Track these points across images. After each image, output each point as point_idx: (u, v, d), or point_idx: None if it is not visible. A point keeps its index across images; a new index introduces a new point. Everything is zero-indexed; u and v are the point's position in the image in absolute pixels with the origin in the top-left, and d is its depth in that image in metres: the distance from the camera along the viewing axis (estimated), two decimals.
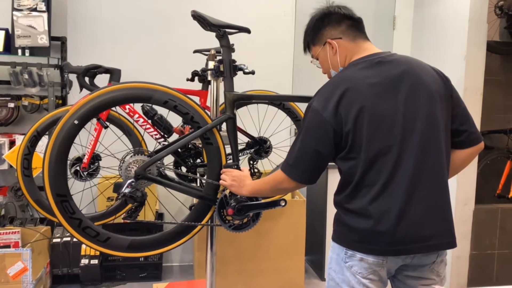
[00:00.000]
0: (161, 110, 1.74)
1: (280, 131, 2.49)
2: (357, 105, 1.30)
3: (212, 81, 1.80)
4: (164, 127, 1.90)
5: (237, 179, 1.56)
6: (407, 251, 1.34)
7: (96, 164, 2.14)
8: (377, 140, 1.31)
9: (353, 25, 1.46)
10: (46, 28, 2.88)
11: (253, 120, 2.36)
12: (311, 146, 1.35)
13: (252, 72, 1.80)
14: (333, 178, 3.15)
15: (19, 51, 2.89)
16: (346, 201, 1.38)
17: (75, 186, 1.97)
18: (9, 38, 2.92)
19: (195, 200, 1.75)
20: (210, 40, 1.90)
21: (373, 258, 1.34)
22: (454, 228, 1.38)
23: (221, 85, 1.75)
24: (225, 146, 1.66)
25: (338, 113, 1.31)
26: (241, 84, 1.88)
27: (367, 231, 1.33)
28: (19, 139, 2.91)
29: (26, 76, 2.92)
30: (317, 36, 1.49)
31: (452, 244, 1.37)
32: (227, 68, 1.67)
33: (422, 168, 1.32)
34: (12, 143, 2.95)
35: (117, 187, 1.54)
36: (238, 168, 1.64)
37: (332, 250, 1.45)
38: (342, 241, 1.40)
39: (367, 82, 1.33)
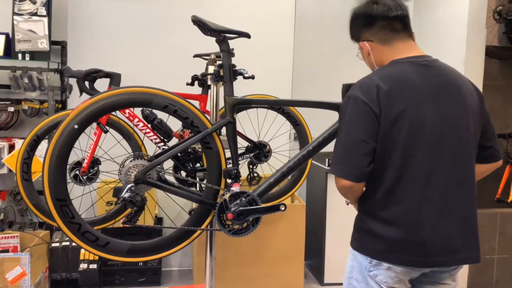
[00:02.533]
0: (161, 115, 1.75)
1: (279, 136, 2.49)
2: (400, 106, 1.27)
3: (212, 86, 1.81)
4: (164, 132, 1.90)
5: None
6: (437, 263, 1.32)
7: (96, 168, 2.14)
8: (414, 146, 1.28)
9: (387, 25, 1.39)
10: (47, 32, 2.89)
11: (253, 124, 2.37)
12: (358, 137, 1.28)
13: (252, 77, 1.80)
14: (333, 182, 3.13)
15: (19, 55, 2.89)
16: (378, 208, 1.33)
17: (75, 191, 1.97)
18: (10, 42, 2.92)
19: (194, 205, 1.75)
20: (210, 45, 1.91)
21: (402, 267, 1.31)
22: (479, 242, 1.37)
23: (221, 89, 1.75)
24: (225, 151, 1.66)
25: (380, 107, 1.27)
26: (240, 88, 1.89)
27: (398, 240, 1.29)
28: (19, 143, 2.91)
29: (26, 80, 2.92)
30: (353, 35, 1.48)
31: (477, 259, 1.36)
32: (227, 72, 1.67)
33: (456, 181, 1.31)
34: (11, 147, 2.94)
35: (116, 191, 1.54)
36: (238, 172, 1.65)
37: (353, 259, 1.39)
38: (366, 250, 1.35)
39: (413, 83, 1.30)
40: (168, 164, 1.74)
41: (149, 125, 1.93)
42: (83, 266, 2.93)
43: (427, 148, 1.29)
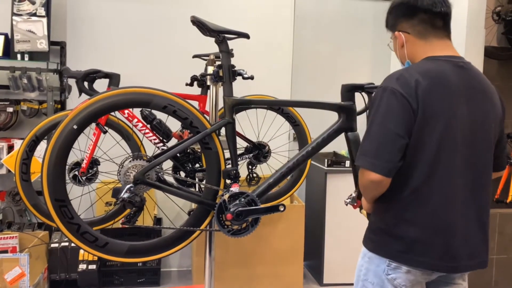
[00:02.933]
0: (160, 115, 1.74)
1: (278, 136, 2.49)
2: (438, 104, 1.25)
3: (211, 86, 1.81)
4: (163, 132, 1.90)
5: None
6: (457, 269, 1.32)
7: (95, 169, 2.14)
8: (445, 146, 1.26)
9: (428, 20, 1.34)
10: (46, 33, 2.88)
11: (252, 125, 2.36)
12: (394, 131, 1.23)
13: (251, 77, 1.80)
14: (332, 183, 3.15)
15: (19, 55, 2.89)
16: (402, 208, 1.29)
17: (74, 191, 1.97)
18: (9, 42, 2.92)
19: (193, 205, 1.75)
20: (210, 45, 1.91)
21: (422, 270, 1.30)
22: (489, 247, 1.38)
23: (220, 90, 1.75)
24: (224, 151, 1.66)
25: (418, 103, 1.24)
26: (240, 89, 1.89)
27: (420, 242, 1.27)
28: (18, 144, 2.90)
29: (25, 80, 2.92)
30: (389, 23, 1.44)
31: (487, 263, 1.36)
32: (226, 73, 1.67)
33: (477, 185, 1.31)
34: (10, 148, 2.94)
35: (115, 192, 1.54)
36: (237, 172, 1.64)
37: (369, 262, 1.36)
38: (385, 252, 1.32)
39: (450, 82, 1.28)
40: (167, 164, 1.74)
41: (148, 126, 1.93)
42: (82, 266, 2.93)
43: (456, 150, 1.27)
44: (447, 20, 1.37)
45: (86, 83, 2.15)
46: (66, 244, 2.95)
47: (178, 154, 1.81)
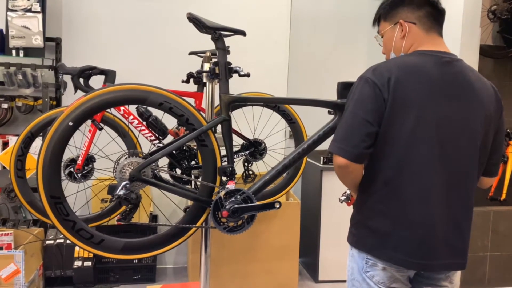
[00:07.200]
0: (156, 112, 1.74)
1: (274, 133, 2.49)
2: (410, 96, 1.25)
3: (207, 83, 1.81)
4: (159, 129, 1.90)
5: None
6: (427, 267, 1.31)
7: (90, 165, 2.13)
8: (418, 140, 1.25)
9: (433, 14, 1.37)
10: (41, 29, 2.87)
11: (248, 122, 2.37)
12: (362, 117, 1.25)
13: (248, 75, 1.80)
14: (328, 180, 3.16)
15: (13, 51, 2.87)
16: (375, 200, 1.31)
17: (69, 188, 1.97)
18: (3, 38, 2.90)
19: (189, 202, 1.75)
20: (206, 42, 1.91)
21: (396, 267, 1.30)
22: (468, 249, 1.36)
23: (216, 87, 1.75)
24: (220, 148, 1.66)
25: (389, 93, 1.24)
26: (236, 86, 1.89)
27: (393, 235, 1.28)
28: (13, 140, 2.89)
29: (20, 77, 2.90)
30: (390, 13, 1.42)
31: (463, 265, 1.35)
32: (222, 70, 1.67)
33: (454, 185, 1.29)
34: (5, 144, 2.93)
35: (111, 189, 1.54)
36: (233, 170, 1.65)
37: (352, 260, 1.38)
38: (362, 245, 1.33)
39: (429, 77, 1.27)
40: (163, 161, 1.74)
41: (144, 123, 1.93)
42: (77, 263, 2.92)
43: (431, 145, 1.26)
44: (443, 20, 1.41)
45: (81, 80, 2.14)
46: (62, 241, 2.94)
47: (174, 151, 1.81)
